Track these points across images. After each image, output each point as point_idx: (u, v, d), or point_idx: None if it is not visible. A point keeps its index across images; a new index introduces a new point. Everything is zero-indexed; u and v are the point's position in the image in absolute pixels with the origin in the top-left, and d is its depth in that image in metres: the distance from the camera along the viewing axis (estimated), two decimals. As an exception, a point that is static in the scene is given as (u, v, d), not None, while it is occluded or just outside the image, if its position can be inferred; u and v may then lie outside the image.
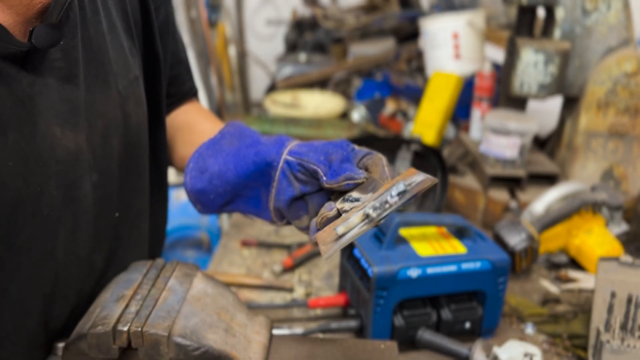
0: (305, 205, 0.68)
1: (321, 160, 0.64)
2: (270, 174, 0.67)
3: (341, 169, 0.63)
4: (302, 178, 0.65)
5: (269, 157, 0.67)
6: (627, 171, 1.44)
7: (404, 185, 0.59)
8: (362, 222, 0.58)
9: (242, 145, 0.68)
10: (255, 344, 0.66)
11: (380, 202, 0.59)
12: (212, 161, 0.69)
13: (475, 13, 1.91)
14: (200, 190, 0.70)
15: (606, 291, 0.90)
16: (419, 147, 1.44)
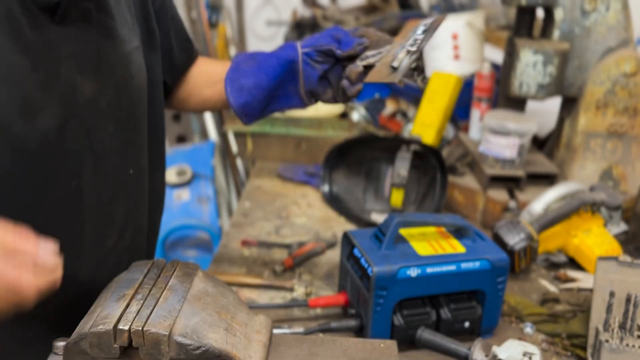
0: (327, 81, 0.89)
1: (330, 41, 0.84)
2: (295, 69, 0.86)
3: (348, 40, 0.82)
4: (320, 59, 0.85)
5: (289, 57, 0.85)
6: (625, 171, 1.44)
7: (424, 25, 0.76)
8: (407, 55, 0.76)
9: (260, 59, 0.87)
10: (256, 343, 0.67)
11: (412, 40, 0.76)
12: (243, 80, 0.86)
13: (475, 14, 1.91)
14: (244, 103, 0.87)
15: (605, 291, 0.91)
16: (418, 147, 1.44)
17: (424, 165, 1.47)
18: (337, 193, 1.54)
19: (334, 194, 1.54)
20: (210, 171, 2.42)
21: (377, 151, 1.53)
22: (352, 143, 1.54)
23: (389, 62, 0.80)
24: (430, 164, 1.45)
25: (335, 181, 1.56)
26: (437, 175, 1.43)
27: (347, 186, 1.56)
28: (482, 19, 1.93)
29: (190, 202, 2.34)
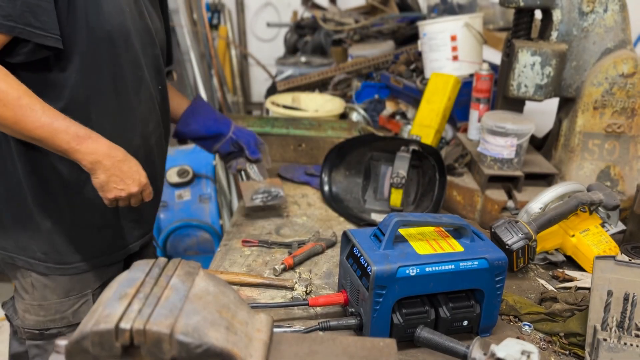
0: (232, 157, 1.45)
1: (246, 142, 1.43)
2: (220, 138, 1.43)
3: (255, 151, 1.44)
4: (235, 147, 1.44)
5: (223, 131, 1.43)
6: (623, 171, 1.45)
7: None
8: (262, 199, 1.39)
9: (208, 119, 1.41)
10: (256, 341, 0.67)
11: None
12: (192, 123, 1.40)
13: (473, 16, 1.92)
14: (183, 133, 1.42)
15: (603, 290, 0.91)
16: (417, 148, 1.45)
17: (423, 166, 1.48)
18: (337, 193, 1.55)
19: (333, 194, 1.55)
20: (212, 171, 2.43)
21: (376, 151, 1.54)
22: (352, 143, 1.55)
23: (252, 193, 1.42)
24: (429, 164, 1.46)
25: (335, 181, 1.56)
26: (435, 175, 1.43)
27: (347, 186, 1.57)
28: (480, 21, 1.94)
29: (192, 202, 2.35)
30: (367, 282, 0.89)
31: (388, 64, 2.37)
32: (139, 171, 1.06)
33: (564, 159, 1.49)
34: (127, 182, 1.03)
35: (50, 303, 1.16)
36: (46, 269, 1.13)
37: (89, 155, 0.98)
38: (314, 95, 2.29)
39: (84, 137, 0.97)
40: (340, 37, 2.86)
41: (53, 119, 0.95)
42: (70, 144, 0.96)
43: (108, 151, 1.00)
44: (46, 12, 0.92)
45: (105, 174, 1.01)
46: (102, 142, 1.00)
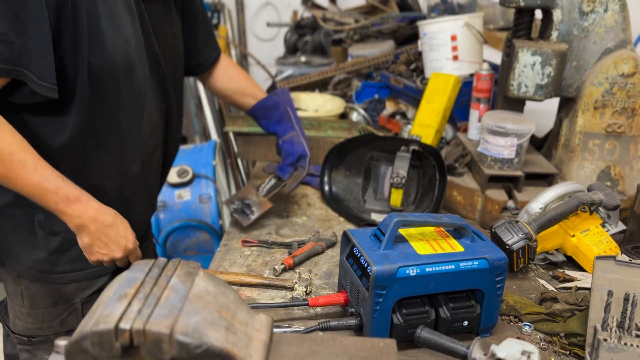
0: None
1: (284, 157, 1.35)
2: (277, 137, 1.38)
3: (283, 170, 1.36)
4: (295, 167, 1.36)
5: (279, 133, 1.36)
6: (623, 171, 1.45)
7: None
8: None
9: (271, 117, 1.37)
10: (256, 341, 0.67)
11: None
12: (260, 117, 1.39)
13: (473, 15, 1.92)
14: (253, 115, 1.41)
15: (603, 290, 0.91)
16: (417, 148, 1.45)
17: (423, 166, 1.48)
18: (337, 193, 1.55)
19: (333, 194, 1.55)
20: (212, 171, 2.43)
21: (376, 151, 1.54)
22: (352, 143, 1.55)
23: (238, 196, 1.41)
24: (429, 164, 1.46)
25: (335, 181, 1.56)
26: (436, 175, 1.43)
27: (347, 186, 1.57)
28: (480, 21, 1.94)
29: (192, 202, 2.35)
30: (367, 282, 0.89)
31: (388, 64, 2.37)
32: (127, 236, 1.05)
33: (564, 159, 1.49)
34: (112, 248, 1.03)
35: (38, 312, 1.16)
36: (35, 277, 1.13)
37: (75, 219, 0.98)
38: (314, 95, 2.29)
39: (72, 200, 0.96)
40: (340, 37, 2.85)
41: (43, 178, 0.94)
42: (58, 205, 0.96)
43: (95, 215, 0.99)
44: (39, 58, 0.90)
45: (89, 238, 1.01)
46: (91, 206, 0.99)
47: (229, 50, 4.04)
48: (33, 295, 1.14)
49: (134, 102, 1.07)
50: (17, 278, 1.13)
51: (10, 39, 0.86)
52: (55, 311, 1.16)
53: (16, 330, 1.17)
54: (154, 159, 1.21)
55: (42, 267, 1.12)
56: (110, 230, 1.02)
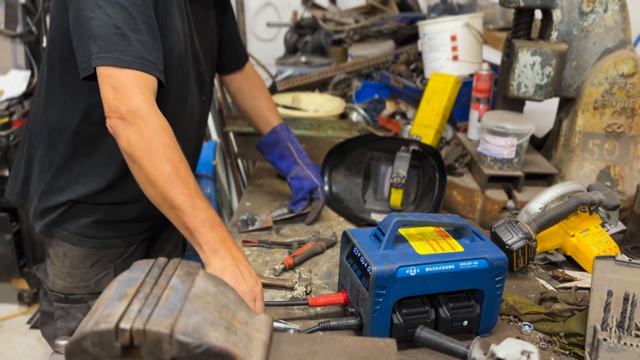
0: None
1: (295, 193, 1.42)
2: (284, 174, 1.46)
3: (296, 205, 1.42)
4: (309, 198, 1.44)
5: (285, 171, 1.44)
6: (623, 171, 1.45)
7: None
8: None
9: (274, 154, 1.46)
10: (256, 341, 0.67)
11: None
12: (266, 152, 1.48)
13: (473, 16, 1.92)
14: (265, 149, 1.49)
15: (603, 290, 0.91)
16: (417, 148, 1.45)
17: (423, 166, 1.48)
18: (337, 193, 1.55)
19: (333, 194, 1.55)
20: (212, 171, 2.43)
21: (376, 151, 1.54)
22: (352, 143, 1.55)
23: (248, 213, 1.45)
24: (429, 164, 1.46)
25: (335, 181, 1.56)
26: (436, 175, 1.43)
27: (347, 186, 1.57)
28: (480, 21, 1.94)
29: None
30: (367, 282, 0.89)
31: (388, 64, 2.37)
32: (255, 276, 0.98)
33: (564, 159, 1.49)
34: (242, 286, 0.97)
35: (77, 272, 1.27)
36: (79, 241, 1.25)
37: (205, 244, 0.99)
38: (314, 95, 2.29)
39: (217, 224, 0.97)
40: (340, 37, 2.86)
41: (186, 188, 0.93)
42: (189, 221, 0.95)
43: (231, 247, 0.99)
44: (153, 48, 0.99)
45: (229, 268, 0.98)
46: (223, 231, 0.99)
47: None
48: (74, 257, 1.26)
49: (179, 90, 1.17)
50: (61, 241, 1.26)
51: (127, 34, 0.96)
52: (92, 272, 1.28)
53: (55, 288, 1.29)
54: (191, 147, 1.30)
55: (86, 233, 1.25)
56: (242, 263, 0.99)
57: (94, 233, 1.26)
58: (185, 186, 0.93)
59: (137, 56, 0.95)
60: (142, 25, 0.98)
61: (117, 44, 0.94)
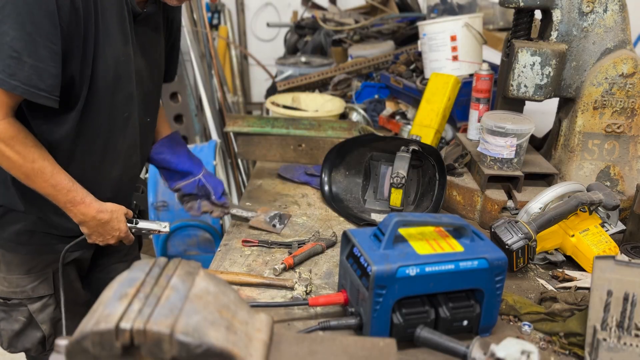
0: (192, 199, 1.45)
1: (214, 187, 1.44)
2: (189, 177, 1.44)
3: (221, 197, 1.44)
4: (199, 191, 1.44)
5: (194, 172, 1.44)
6: (623, 171, 1.45)
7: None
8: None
9: (182, 155, 1.44)
10: (256, 341, 0.67)
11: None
12: (166, 152, 1.43)
13: (473, 16, 1.92)
14: (152, 158, 1.44)
15: (603, 290, 0.91)
16: (417, 148, 1.45)
17: (423, 166, 1.48)
18: (337, 193, 1.55)
19: (333, 194, 1.55)
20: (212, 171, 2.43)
21: (376, 151, 1.54)
22: (352, 143, 1.55)
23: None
24: (429, 164, 1.46)
25: (335, 181, 1.56)
26: (435, 175, 1.43)
27: (347, 186, 1.57)
28: (480, 21, 1.94)
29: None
30: (367, 282, 0.89)
31: (388, 64, 2.37)
32: (120, 228, 1.26)
33: (564, 159, 1.49)
34: (106, 237, 1.26)
35: (13, 277, 1.30)
36: (13, 247, 1.27)
37: (78, 216, 1.19)
38: (314, 95, 2.29)
39: (78, 202, 1.17)
40: (340, 37, 2.86)
41: (57, 182, 1.13)
42: (66, 205, 1.17)
43: (95, 215, 1.20)
44: (52, 76, 1.02)
45: (88, 230, 1.23)
46: (92, 207, 1.19)
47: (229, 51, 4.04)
48: (9, 262, 1.29)
49: (121, 111, 1.21)
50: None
51: (23, 59, 0.97)
52: (28, 278, 1.30)
53: None
54: (133, 162, 1.33)
55: (19, 240, 1.26)
56: (107, 225, 1.23)
57: (27, 240, 1.26)
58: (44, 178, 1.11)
59: (25, 83, 0.99)
60: (44, 51, 0.99)
61: (8, 66, 0.97)
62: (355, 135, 1.78)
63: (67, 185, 1.14)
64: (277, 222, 1.40)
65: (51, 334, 1.35)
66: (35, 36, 0.97)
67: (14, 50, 0.96)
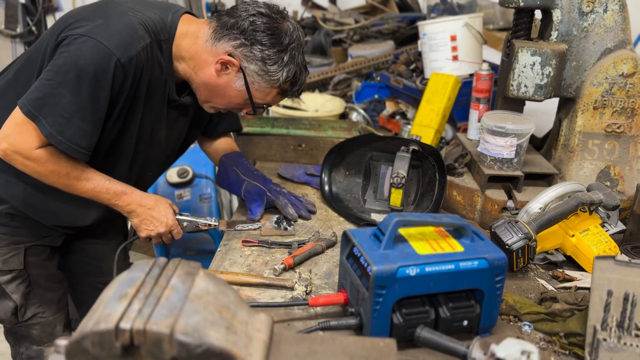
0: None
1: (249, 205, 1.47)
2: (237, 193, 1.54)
3: (253, 213, 1.44)
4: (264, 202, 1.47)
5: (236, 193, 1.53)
6: (623, 171, 1.45)
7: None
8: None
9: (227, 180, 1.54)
10: (256, 341, 0.67)
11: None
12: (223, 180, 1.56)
13: (473, 16, 1.92)
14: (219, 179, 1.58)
15: (603, 290, 0.91)
16: (417, 148, 1.45)
17: (423, 166, 1.48)
18: (337, 193, 1.55)
19: (333, 194, 1.55)
20: (212, 171, 2.43)
21: (376, 151, 1.54)
22: (352, 143, 1.55)
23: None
24: (429, 164, 1.46)
25: (335, 181, 1.56)
26: (435, 175, 1.43)
27: (347, 186, 1.57)
28: (480, 21, 1.94)
29: (192, 202, 2.35)
30: (367, 282, 0.89)
31: (388, 64, 2.37)
32: (167, 215, 1.33)
33: (564, 159, 1.49)
34: (156, 224, 1.32)
35: None
36: None
37: (125, 207, 1.28)
38: (314, 95, 2.29)
39: (120, 193, 1.26)
40: (340, 37, 2.86)
41: (95, 184, 1.23)
42: (110, 200, 1.26)
43: (140, 201, 1.29)
44: (92, 137, 1.17)
45: (137, 219, 1.31)
46: (135, 195, 1.29)
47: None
48: None
49: (139, 168, 1.37)
50: None
51: (72, 120, 1.12)
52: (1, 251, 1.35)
53: None
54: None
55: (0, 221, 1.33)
56: (153, 211, 1.31)
57: (7, 222, 1.33)
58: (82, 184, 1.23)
59: (69, 140, 1.13)
60: (90, 116, 1.14)
61: (59, 124, 1.11)
62: (355, 135, 1.77)
63: (105, 184, 1.24)
64: (286, 224, 1.40)
65: (22, 305, 1.38)
66: (87, 104, 1.12)
67: (66, 112, 1.11)
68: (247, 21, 1.19)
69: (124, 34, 1.14)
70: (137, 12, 1.20)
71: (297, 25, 1.27)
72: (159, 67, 1.23)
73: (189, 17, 1.29)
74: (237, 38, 1.20)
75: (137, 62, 1.16)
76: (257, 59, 1.20)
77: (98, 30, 1.12)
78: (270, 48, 1.20)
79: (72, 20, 1.17)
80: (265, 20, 1.20)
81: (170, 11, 1.26)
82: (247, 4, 1.24)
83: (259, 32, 1.19)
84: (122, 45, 1.12)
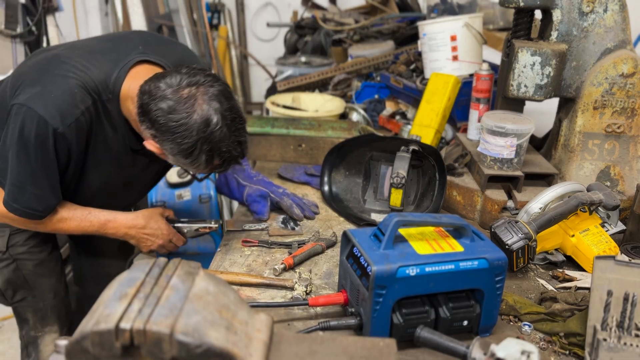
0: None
1: (253, 209, 1.49)
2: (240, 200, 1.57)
3: (261, 212, 1.46)
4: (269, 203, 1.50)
5: (239, 198, 1.56)
6: (623, 171, 1.45)
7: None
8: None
9: (227, 188, 1.57)
10: (256, 341, 0.67)
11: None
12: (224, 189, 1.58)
13: (473, 16, 1.92)
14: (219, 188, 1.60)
15: (603, 290, 0.91)
16: (417, 148, 1.45)
17: (423, 166, 1.48)
18: (337, 193, 1.55)
19: (333, 194, 1.55)
20: (211, 172, 2.43)
21: (376, 151, 1.54)
22: (352, 143, 1.55)
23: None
24: (429, 164, 1.46)
25: (335, 181, 1.56)
26: (435, 175, 1.43)
27: (347, 186, 1.57)
28: (480, 21, 1.94)
29: (192, 202, 2.35)
30: (367, 282, 0.89)
31: (388, 64, 2.37)
32: (161, 227, 1.37)
33: (564, 159, 1.49)
34: (152, 239, 1.37)
35: None
36: None
37: (116, 233, 1.33)
38: (314, 95, 2.29)
39: (104, 223, 1.31)
40: (340, 37, 2.86)
41: (78, 222, 1.29)
42: (99, 231, 1.32)
43: (127, 224, 1.34)
44: (48, 200, 1.21)
45: (133, 240, 1.37)
46: (120, 221, 1.33)
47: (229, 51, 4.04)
48: None
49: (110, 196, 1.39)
50: None
51: (25, 187, 1.18)
52: None
53: None
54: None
55: None
56: (146, 229, 1.35)
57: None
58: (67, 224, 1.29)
59: (24, 206, 1.19)
60: (44, 181, 1.18)
61: (12, 193, 1.18)
62: (355, 135, 1.77)
63: (87, 218, 1.29)
64: (292, 224, 1.41)
65: (7, 288, 1.40)
66: (37, 171, 1.16)
67: (18, 181, 1.17)
68: (155, 113, 1.09)
69: (60, 102, 1.13)
70: (79, 72, 1.17)
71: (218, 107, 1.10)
72: (110, 124, 1.22)
73: (136, 70, 1.19)
74: (150, 128, 1.12)
75: (77, 127, 1.15)
76: (172, 154, 1.13)
77: (36, 100, 1.13)
78: (179, 145, 1.10)
79: (19, 83, 1.18)
80: (171, 117, 1.08)
81: (120, 65, 1.19)
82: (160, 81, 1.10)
83: (164, 131, 1.10)
84: (58, 114, 1.12)
